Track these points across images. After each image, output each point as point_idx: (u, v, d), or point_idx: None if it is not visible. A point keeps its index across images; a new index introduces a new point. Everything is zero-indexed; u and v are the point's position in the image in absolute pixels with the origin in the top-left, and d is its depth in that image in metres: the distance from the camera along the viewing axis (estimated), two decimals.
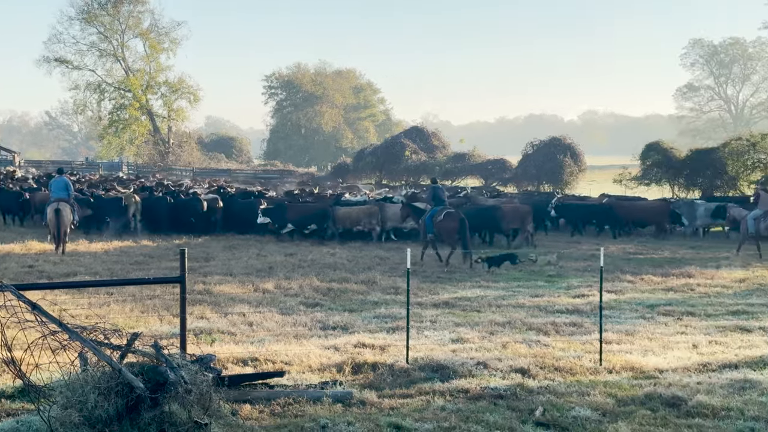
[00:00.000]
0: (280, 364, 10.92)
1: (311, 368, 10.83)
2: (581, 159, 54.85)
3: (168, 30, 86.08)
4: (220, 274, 19.15)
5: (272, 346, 12.02)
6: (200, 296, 16.19)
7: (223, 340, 12.48)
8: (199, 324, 13.53)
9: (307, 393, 9.47)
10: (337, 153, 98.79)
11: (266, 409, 9.00)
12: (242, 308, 14.96)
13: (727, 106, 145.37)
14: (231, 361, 10.96)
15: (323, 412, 8.94)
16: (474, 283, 18.86)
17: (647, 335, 13.32)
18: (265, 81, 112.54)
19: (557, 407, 9.20)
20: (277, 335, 12.91)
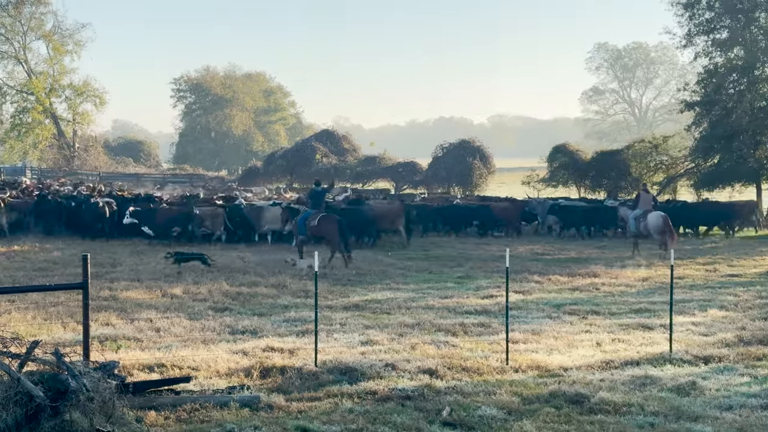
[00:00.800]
0: (188, 370, 10.80)
1: (219, 373, 10.73)
2: (490, 161, 55.57)
3: (72, 32, 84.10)
4: (126, 280, 18.84)
5: (179, 351, 11.88)
6: (106, 302, 15.90)
7: (129, 347, 12.28)
8: (105, 331, 13.30)
9: (214, 398, 9.38)
10: (248, 156, 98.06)
11: (172, 416, 8.89)
12: (149, 314, 14.74)
13: (631, 109, 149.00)
14: (137, 368, 10.80)
15: (230, 417, 8.87)
16: (384, 286, 18.93)
17: (553, 334, 13.55)
18: (173, 84, 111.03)
19: (464, 407, 9.30)
20: (184, 341, 12.75)
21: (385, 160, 60.78)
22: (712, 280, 20.19)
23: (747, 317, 15.01)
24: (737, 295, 17.68)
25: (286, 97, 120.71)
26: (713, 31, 43.06)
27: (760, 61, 41.87)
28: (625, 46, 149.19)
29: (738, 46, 42.45)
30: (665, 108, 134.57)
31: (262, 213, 28.81)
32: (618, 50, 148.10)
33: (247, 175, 69.06)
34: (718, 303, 16.61)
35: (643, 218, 25.99)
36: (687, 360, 11.72)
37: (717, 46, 42.88)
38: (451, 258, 24.61)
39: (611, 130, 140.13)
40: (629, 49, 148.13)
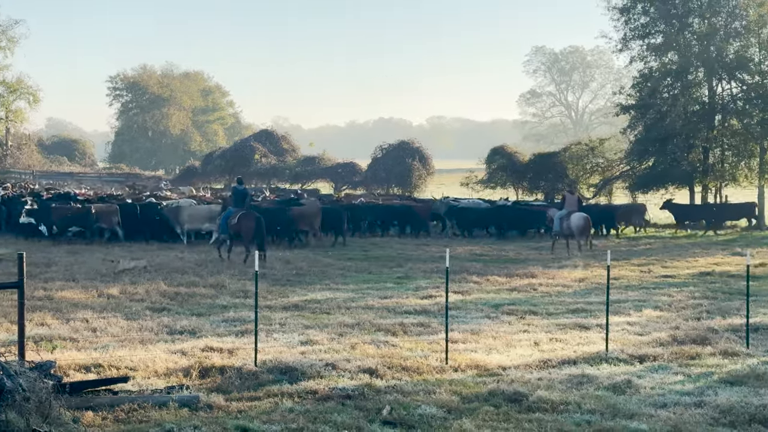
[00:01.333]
0: (125, 370, 10.68)
1: (157, 373, 10.63)
2: (429, 162, 55.87)
3: (5, 28, 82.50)
4: (62, 280, 18.57)
5: (116, 351, 11.75)
6: (41, 302, 15.66)
7: (64, 347, 12.10)
8: (40, 331, 13.09)
9: (152, 398, 9.29)
10: (186, 156, 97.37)
11: (110, 416, 8.78)
12: (85, 314, 14.54)
13: (568, 112, 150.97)
14: (73, 368, 10.64)
15: (169, 417, 8.79)
16: (324, 286, 18.92)
17: (492, 334, 13.66)
18: (109, 82, 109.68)
19: (404, 406, 9.34)
20: (121, 341, 12.61)
21: (325, 161, 60.79)
22: (646, 281, 20.54)
23: (680, 317, 15.30)
24: (671, 295, 18.01)
25: (224, 97, 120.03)
26: (648, 36, 43.86)
27: (694, 66, 42.75)
28: (562, 49, 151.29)
29: (672, 50, 43.29)
30: (601, 111, 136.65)
31: (182, 212, 28.83)
32: (555, 54, 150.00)
33: (185, 174, 68.54)
34: (653, 303, 16.90)
35: (567, 218, 26.84)
36: (623, 359, 11.91)
37: (652, 50, 43.69)
38: (390, 258, 24.70)
39: (548, 132, 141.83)
40: (566, 52, 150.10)
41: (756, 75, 42.05)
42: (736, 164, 42.17)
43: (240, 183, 25.35)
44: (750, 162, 41.91)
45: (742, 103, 42.38)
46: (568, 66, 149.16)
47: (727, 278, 20.90)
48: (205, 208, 29.49)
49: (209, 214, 28.11)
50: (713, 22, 42.54)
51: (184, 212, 28.72)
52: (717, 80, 43.07)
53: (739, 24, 42.23)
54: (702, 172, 41.82)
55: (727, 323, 14.50)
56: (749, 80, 42.49)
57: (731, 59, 41.84)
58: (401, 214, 34.10)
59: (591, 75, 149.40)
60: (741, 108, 42.15)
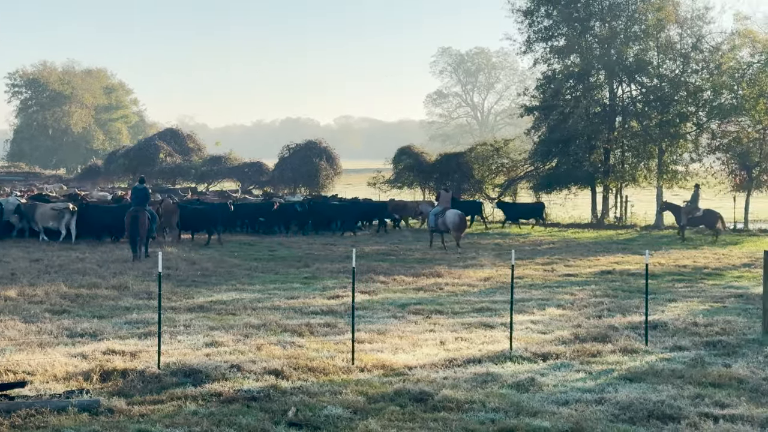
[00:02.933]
0: (23, 375, 10.39)
1: (56, 377, 10.36)
2: (337, 162, 55.82)
3: None
4: None
5: (14, 356, 11.41)
6: None
7: None
8: None
9: (50, 403, 9.04)
10: (88, 155, 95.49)
11: (6, 422, 8.53)
12: None
13: (474, 113, 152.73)
14: None
15: (68, 422, 8.58)
16: (230, 287, 18.73)
17: (398, 334, 13.70)
18: (7, 79, 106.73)
19: (310, 407, 9.29)
20: (19, 344, 12.26)
21: (231, 160, 60.24)
22: (550, 280, 20.87)
23: (582, 315, 15.58)
24: (573, 294, 18.34)
25: (128, 95, 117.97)
26: (551, 39, 44.68)
27: (595, 69, 43.69)
28: (468, 51, 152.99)
29: (574, 53, 44.15)
30: (506, 112, 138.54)
31: (36, 209, 28.96)
32: (461, 55, 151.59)
33: (87, 173, 67.21)
34: (556, 302, 17.18)
35: (442, 215, 28.14)
36: (526, 357, 12.06)
37: (555, 53, 44.49)
38: (297, 258, 24.59)
39: (455, 132, 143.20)
40: (472, 54, 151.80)
41: (654, 78, 43.22)
42: (635, 165, 43.24)
43: (142, 182, 25.63)
44: (649, 163, 43.03)
45: (641, 106, 43.47)
46: (474, 67, 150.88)
47: (627, 276, 21.39)
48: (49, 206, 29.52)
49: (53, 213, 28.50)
50: (614, 25, 43.55)
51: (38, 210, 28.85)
52: (617, 83, 44.12)
53: (638, 28, 43.30)
54: (603, 173, 42.75)
55: (627, 321, 14.83)
56: (648, 83, 43.65)
57: (631, 62, 42.88)
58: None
59: (496, 76, 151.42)
60: (640, 110, 43.23)
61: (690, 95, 42.23)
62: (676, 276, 21.70)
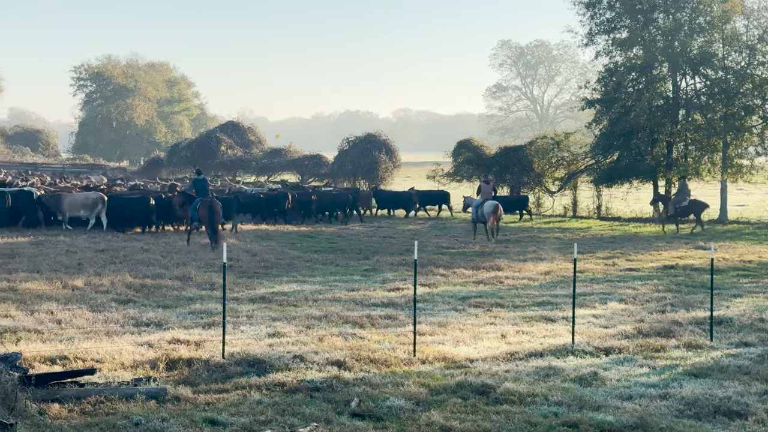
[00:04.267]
0: (91, 362, 10.61)
1: (124, 365, 10.58)
2: (396, 155, 55.76)
3: None
4: (26, 271, 18.36)
5: (82, 344, 11.66)
6: (4, 294, 15.49)
7: (29, 339, 11.99)
8: (4, 322, 12.96)
9: (119, 390, 9.23)
10: (151, 147, 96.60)
11: (76, 408, 8.72)
12: (50, 306, 14.40)
13: (534, 106, 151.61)
14: (38, 360, 10.56)
15: (136, 409, 8.75)
16: (291, 278, 18.89)
17: (459, 326, 13.72)
18: (73, 72, 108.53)
19: (372, 398, 9.36)
20: (87, 333, 12.52)
21: (291, 153, 60.54)
22: (611, 274, 20.69)
23: (645, 310, 15.45)
24: (635, 288, 18.17)
25: (190, 88, 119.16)
26: (613, 31, 44.10)
27: (658, 61, 43.03)
28: (528, 43, 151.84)
29: (637, 45, 43.51)
30: (566, 105, 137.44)
31: (62, 199, 29.40)
32: (521, 48, 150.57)
33: (150, 166, 68.05)
34: (618, 296, 17.04)
35: (482, 206, 28.86)
36: (589, 351, 12.01)
37: (617, 45, 43.90)
38: (357, 251, 24.69)
39: (514, 126, 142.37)
40: (532, 46, 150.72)
41: (719, 70, 42.45)
42: (699, 159, 42.52)
43: (199, 174, 26.66)
44: (713, 157, 42.30)
45: (705, 98, 42.73)
46: (534, 60, 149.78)
47: (691, 271, 21.12)
48: (82, 195, 30.21)
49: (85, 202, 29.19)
50: (678, 17, 42.85)
51: (65, 200, 29.35)
52: (681, 75, 43.41)
53: (703, 20, 42.55)
54: (666, 167, 42.16)
55: (691, 316, 14.66)
56: (713, 75, 42.88)
57: (695, 54, 42.18)
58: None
59: (557, 69, 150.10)
60: (704, 103, 42.51)
61: (756, 88, 41.43)
62: (741, 271, 21.39)
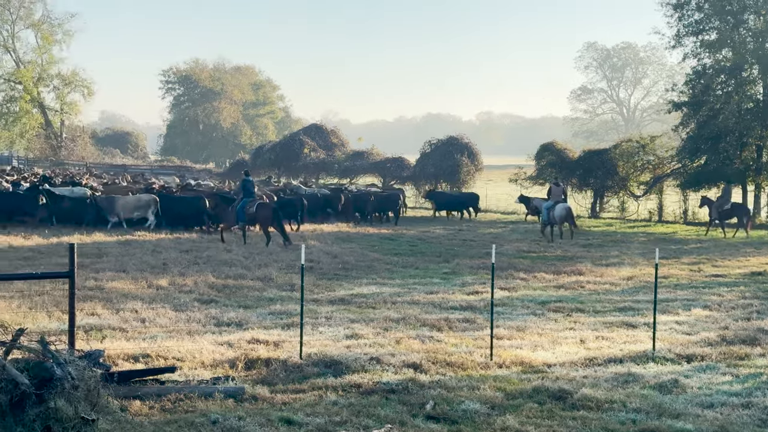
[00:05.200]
0: (172, 360, 10.81)
1: (204, 364, 10.75)
2: (478, 158, 55.45)
3: (61, 21, 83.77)
4: (112, 271, 18.80)
5: (164, 342, 11.89)
6: (91, 293, 15.89)
7: (114, 337, 12.28)
8: (90, 320, 13.29)
9: (198, 388, 9.40)
10: (236, 149, 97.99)
11: (156, 405, 8.91)
12: (135, 305, 14.73)
13: (619, 109, 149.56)
14: (122, 358, 10.80)
15: (214, 407, 8.89)
16: (370, 280, 18.97)
17: (537, 331, 13.62)
18: (162, 76, 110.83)
19: (448, 401, 9.35)
20: (169, 332, 12.77)
21: (373, 156, 60.72)
22: (696, 280, 20.29)
23: (730, 317, 15.11)
24: (721, 295, 17.78)
25: (274, 91, 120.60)
26: (702, 33, 43.22)
27: (748, 63, 42.04)
28: (614, 45, 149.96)
29: (726, 47, 42.60)
30: (653, 108, 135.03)
31: (116, 202, 30.23)
32: (607, 50, 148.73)
33: (235, 168, 68.92)
34: (702, 302, 16.70)
35: (552, 209, 29.62)
36: (670, 358, 11.80)
37: (705, 47, 43.03)
38: (437, 254, 24.67)
39: (599, 129, 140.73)
40: (618, 48, 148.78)
41: None
42: None
43: (247, 175, 27.45)
44: None
45: None
46: (620, 62, 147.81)
47: None
48: (134, 198, 31.03)
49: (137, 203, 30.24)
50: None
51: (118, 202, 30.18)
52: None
53: None
54: (755, 171, 41.16)
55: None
56: None
57: None
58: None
59: (643, 71, 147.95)
60: None
61: None
62: None
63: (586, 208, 45.82)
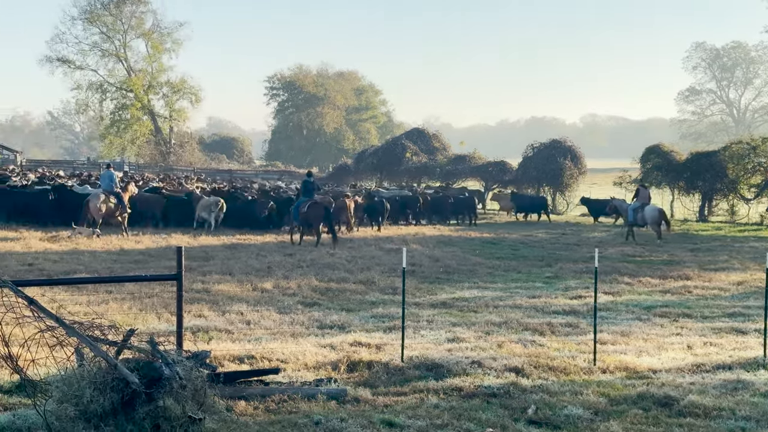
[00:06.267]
0: (276, 362, 10.98)
1: (307, 366, 10.89)
2: (582, 161, 54.79)
3: (170, 30, 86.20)
4: (219, 274, 19.19)
5: (269, 344, 12.09)
6: (199, 295, 16.24)
7: (220, 338, 12.54)
8: (197, 322, 13.60)
9: (301, 390, 9.53)
10: (339, 154, 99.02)
11: (261, 406, 9.06)
12: (240, 307, 15.02)
13: (729, 110, 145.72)
14: (227, 359, 11.02)
15: (317, 408, 9.00)
16: (472, 284, 18.92)
17: (642, 336, 13.38)
18: (267, 82, 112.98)
19: (550, 406, 9.27)
20: (274, 333, 12.97)
21: (475, 160, 60.56)
22: None
23: None
24: None
25: (377, 96, 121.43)
26: None
27: None
28: (724, 45, 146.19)
29: None
30: (765, 109, 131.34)
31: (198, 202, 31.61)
32: (716, 50, 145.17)
33: (338, 172, 69.63)
34: None
35: (641, 210, 29.97)
36: None
37: None
38: (540, 258, 24.47)
39: (707, 131, 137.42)
40: (728, 48, 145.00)
41: None
42: None
43: (309, 176, 28.12)
44: None
45: None
46: (731, 62, 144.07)
47: None
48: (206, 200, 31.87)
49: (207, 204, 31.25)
50: None
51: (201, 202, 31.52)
52: None
53: None
54: None
55: None
56: None
57: None
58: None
59: (755, 71, 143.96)
60: None
61: None
62: None
63: (694, 211, 44.81)
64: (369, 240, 27.95)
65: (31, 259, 20.63)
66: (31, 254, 21.80)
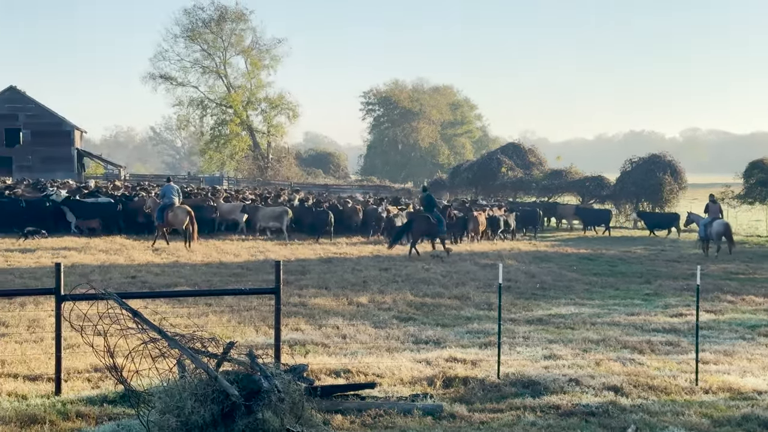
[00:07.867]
0: (372, 376, 11.03)
1: (402, 381, 10.91)
2: (682, 176, 53.62)
3: (269, 47, 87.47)
4: (315, 287, 19.37)
5: (364, 358, 12.15)
6: (296, 309, 16.42)
7: (316, 352, 12.65)
8: (294, 335, 13.75)
9: (397, 405, 9.55)
10: (434, 169, 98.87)
11: (357, 420, 9.11)
12: (336, 321, 15.14)
13: None
14: (324, 372, 11.12)
15: (413, 424, 9.01)
16: (569, 301, 18.70)
17: (746, 356, 13.02)
18: (362, 97, 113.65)
19: (650, 426, 9.09)
20: (369, 348, 13.03)
21: (572, 174, 59.84)
22: None
23: None
24: None
25: (472, 110, 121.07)
26: None
27: None
28: None
29: None
30: None
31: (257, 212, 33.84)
32: None
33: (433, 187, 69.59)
34: None
35: (710, 225, 30.51)
36: None
37: None
38: (638, 274, 24.03)
39: None
40: None
41: None
42: None
43: (425, 190, 29.98)
44: None
45: None
46: None
47: None
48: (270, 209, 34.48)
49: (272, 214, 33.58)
50: None
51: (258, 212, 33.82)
52: None
53: None
54: None
55: None
56: None
57: None
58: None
59: None
60: None
61: None
62: None
63: None
64: (464, 255, 27.88)
65: (133, 272, 21.17)
66: (134, 267, 22.37)
